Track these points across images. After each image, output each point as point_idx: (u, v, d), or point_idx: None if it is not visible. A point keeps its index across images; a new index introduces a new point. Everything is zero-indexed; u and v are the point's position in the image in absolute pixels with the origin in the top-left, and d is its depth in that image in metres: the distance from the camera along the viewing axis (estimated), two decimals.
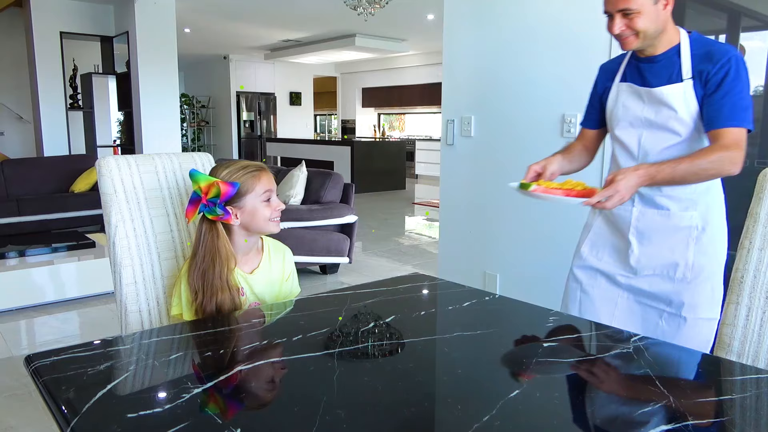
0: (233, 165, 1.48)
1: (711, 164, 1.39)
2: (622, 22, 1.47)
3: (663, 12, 1.47)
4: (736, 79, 1.42)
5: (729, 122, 1.42)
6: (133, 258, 1.54)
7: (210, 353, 1.09)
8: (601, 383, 1.02)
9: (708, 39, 1.51)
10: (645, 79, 1.57)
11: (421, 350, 1.13)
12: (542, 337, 1.22)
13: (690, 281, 1.55)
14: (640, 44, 1.50)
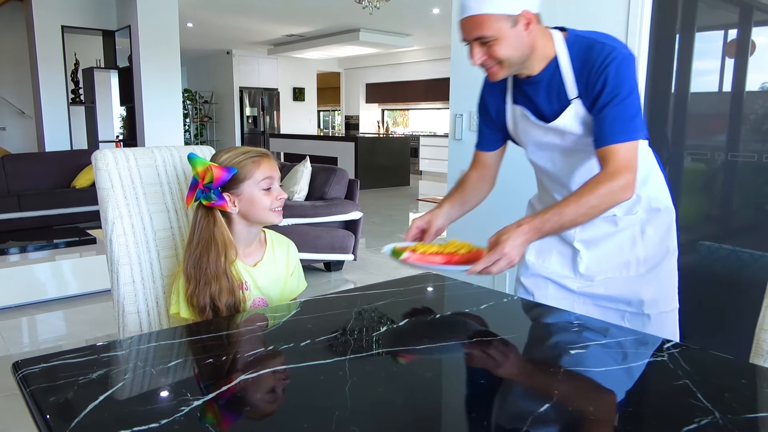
0: (234, 150, 1.41)
1: (600, 200, 1.27)
2: (481, 50, 1.32)
3: (526, 34, 1.31)
4: (619, 84, 1.29)
5: (616, 138, 1.29)
6: (131, 256, 1.46)
7: (211, 360, 1.01)
8: (638, 397, 0.94)
9: (585, 38, 1.37)
10: (535, 104, 1.45)
11: (439, 357, 1.05)
12: (568, 343, 1.14)
13: (644, 275, 1.50)
14: (507, 72, 1.37)
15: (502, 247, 1.22)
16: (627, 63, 1.31)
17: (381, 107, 14.36)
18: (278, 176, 1.43)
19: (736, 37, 2.63)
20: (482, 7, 1.28)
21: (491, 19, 1.28)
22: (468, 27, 1.31)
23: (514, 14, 1.28)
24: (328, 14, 8.68)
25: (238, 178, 1.37)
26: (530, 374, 1.02)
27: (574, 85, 1.36)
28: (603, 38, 1.35)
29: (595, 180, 1.29)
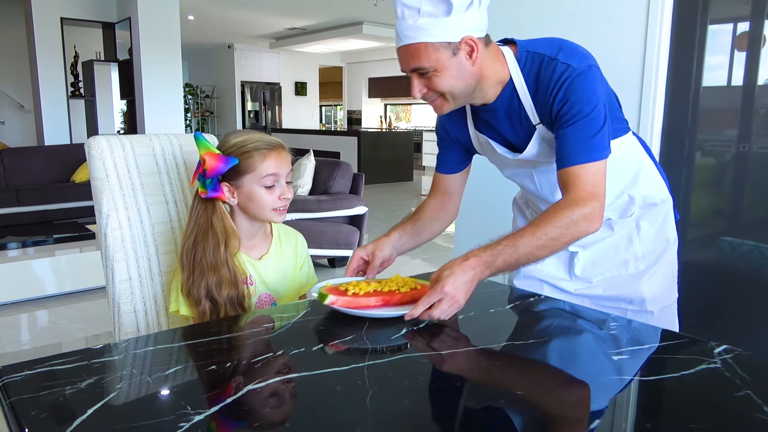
0: (245, 136, 1.29)
1: (561, 230, 1.11)
2: (421, 83, 1.19)
3: (469, 63, 1.17)
4: (576, 102, 1.15)
5: (575, 159, 1.15)
6: (128, 251, 1.36)
7: (214, 367, 0.91)
8: (696, 410, 0.84)
9: (536, 54, 1.22)
10: (498, 132, 1.32)
11: (467, 365, 0.95)
12: (609, 348, 1.03)
13: (644, 272, 1.40)
14: (454, 105, 1.23)
15: (442, 285, 1.04)
16: (584, 78, 1.16)
17: (384, 102, 14.23)
18: (287, 173, 1.31)
19: (749, 29, 2.53)
20: (417, 36, 1.13)
21: (428, 49, 1.14)
22: (404, 57, 1.18)
23: (453, 41, 1.14)
24: (332, 7, 8.55)
25: (239, 169, 1.27)
26: (573, 384, 0.91)
27: (533, 110, 1.23)
28: (555, 51, 1.19)
29: (555, 207, 1.13)
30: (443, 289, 1.04)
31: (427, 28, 1.13)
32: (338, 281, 1.23)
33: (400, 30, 1.17)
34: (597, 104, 1.16)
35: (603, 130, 1.16)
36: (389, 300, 1.14)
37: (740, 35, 2.58)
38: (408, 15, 1.15)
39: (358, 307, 1.11)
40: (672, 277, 1.45)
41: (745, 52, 2.52)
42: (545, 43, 1.23)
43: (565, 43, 1.21)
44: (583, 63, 1.17)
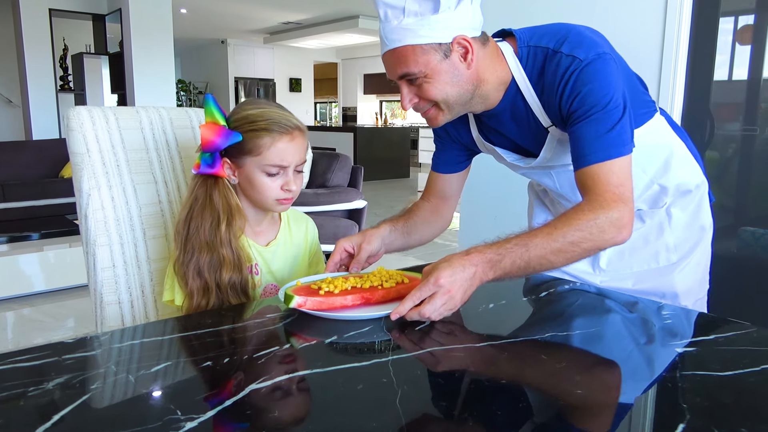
0: (260, 110, 1.11)
1: (582, 235, 0.94)
2: (411, 91, 1.05)
3: (464, 66, 1.03)
4: (586, 96, 1.01)
5: (592, 157, 1.00)
6: (111, 235, 1.21)
7: (210, 363, 0.77)
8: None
9: (538, 48, 1.07)
10: (505, 137, 1.19)
11: (509, 358, 0.81)
12: (669, 338, 0.89)
13: (677, 263, 1.25)
14: (450, 116, 1.08)
15: (437, 277, 0.89)
16: (593, 68, 1.01)
17: (379, 98, 14.08)
18: (299, 162, 1.13)
19: (754, 23, 2.42)
20: (403, 38, 1.00)
21: (416, 52, 1.00)
22: (390, 64, 1.04)
23: (444, 42, 1.01)
24: (328, 0, 8.40)
25: (243, 147, 1.11)
26: (639, 381, 0.77)
27: (542, 111, 1.09)
28: (559, 42, 1.05)
29: (577, 209, 0.98)
30: (438, 282, 0.88)
31: (413, 28, 0.99)
32: (311, 279, 1.05)
33: (384, 33, 1.03)
34: (613, 94, 1.00)
35: (622, 122, 1.01)
36: (370, 298, 0.97)
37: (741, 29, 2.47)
38: (392, 16, 1.01)
39: (331, 309, 0.94)
40: (705, 267, 1.30)
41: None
42: (548, 33, 1.08)
43: (571, 31, 1.06)
44: (591, 52, 1.01)
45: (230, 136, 1.09)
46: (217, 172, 1.11)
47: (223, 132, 1.09)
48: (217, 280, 1.09)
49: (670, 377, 0.74)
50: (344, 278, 1.01)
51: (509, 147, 1.20)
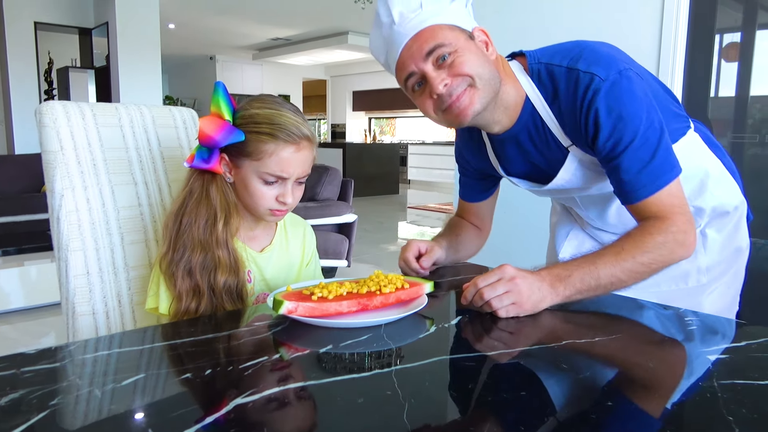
0: (272, 111, 1.02)
1: (653, 257, 0.92)
2: (441, 73, 0.96)
3: (488, 56, 0.99)
4: (618, 121, 0.94)
5: (644, 192, 0.95)
6: (86, 240, 1.12)
7: (190, 375, 0.67)
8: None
9: (552, 66, 1.01)
10: (522, 160, 1.13)
11: (527, 368, 0.73)
12: (699, 345, 0.82)
13: (707, 285, 1.18)
14: (484, 97, 0.98)
15: (502, 266, 0.89)
16: (617, 89, 0.94)
17: (368, 115, 14.07)
18: (300, 175, 1.04)
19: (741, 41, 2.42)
20: (426, 20, 0.96)
21: (443, 29, 0.96)
22: (411, 51, 0.97)
23: (466, 29, 0.99)
24: (317, 15, 8.38)
25: (243, 147, 1.02)
26: (671, 391, 0.69)
27: (560, 130, 1.03)
28: (574, 59, 0.98)
29: (643, 231, 0.95)
30: (503, 269, 0.89)
31: (435, 13, 0.96)
32: (303, 284, 0.97)
33: (402, 28, 0.97)
34: (644, 116, 0.94)
35: (662, 144, 0.95)
36: (368, 304, 0.89)
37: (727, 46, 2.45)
38: (407, 12, 0.97)
39: (324, 315, 0.85)
40: (736, 290, 1.22)
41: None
42: (560, 51, 1.02)
43: (585, 48, 0.99)
44: (611, 70, 0.95)
45: (232, 133, 1.00)
46: (212, 167, 1.03)
47: (225, 128, 1.00)
48: (211, 283, 1.00)
49: (708, 386, 0.66)
50: (339, 283, 0.93)
51: (526, 171, 1.15)
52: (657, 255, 0.92)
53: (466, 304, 0.91)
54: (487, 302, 0.88)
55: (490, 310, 0.88)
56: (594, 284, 0.91)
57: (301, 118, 1.04)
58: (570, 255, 1.28)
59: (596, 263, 0.91)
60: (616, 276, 0.91)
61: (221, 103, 1.01)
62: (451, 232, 1.28)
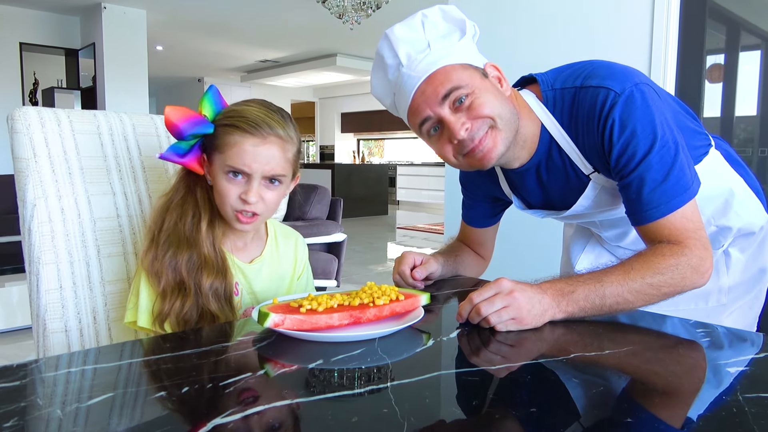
0: (250, 106, 0.98)
1: (664, 279, 0.86)
2: (460, 117, 0.92)
3: (503, 92, 0.96)
4: (632, 135, 0.89)
5: (656, 212, 0.90)
6: (59, 252, 1.05)
7: (164, 393, 0.61)
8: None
9: (566, 90, 0.98)
10: (538, 192, 1.09)
11: (535, 382, 0.67)
12: (716, 357, 0.76)
13: (727, 305, 1.14)
14: (506, 137, 0.95)
15: (498, 279, 0.84)
16: (632, 102, 0.90)
17: (356, 137, 14.09)
18: (266, 172, 0.96)
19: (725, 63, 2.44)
20: (437, 61, 0.92)
21: (456, 69, 0.92)
22: (426, 94, 0.92)
23: (479, 66, 0.95)
24: (305, 38, 8.41)
25: (213, 141, 0.98)
26: (691, 405, 0.63)
27: (581, 157, 0.99)
28: (587, 78, 0.95)
29: (656, 252, 0.89)
30: (500, 283, 0.83)
31: (444, 53, 0.92)
32: (290, 297, 0.90)
33: (411, 71, 0.93)
34: (659, 133, 0.90)
35: (677, 164, 0.90)
36: (360, 317, 0.82)
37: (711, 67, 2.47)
38: (416, 54, 0.93)
39: (314, 329, 0.79)
40: (757, 313, 1.17)
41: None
42: (573, 74, 0.98)
43: (597, 65, 0.96)
44: (627, 83, 0.91)
45: (198, 124, 0.96)
46: (185, 163, 0.98)
47: (192, 118, 0.96)
48: (197, 284, 0.94)
49: (732, 400, 0.61)
50: (329, 295, 0.87)
51: (544, 201, 1.11)
52: (668, 278, 0.86)
53: (462, 322, 0.85)
54: (485, 318, 0.82)
55: (489, 326, 0.82)
56: (599, 303, 0.85)
57: (279, 117, 0.99)
58: (586, 269, 1.23)
59: (602, 281, 0.86)
60: (622, 296, 0.85)
61: (205, 102, 0.98)
62: (450, 252, 1.23)
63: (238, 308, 1.02)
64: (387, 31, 0.97)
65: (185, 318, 0.94)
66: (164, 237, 0.97)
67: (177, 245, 0.96)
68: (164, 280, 0.94)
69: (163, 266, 0.94)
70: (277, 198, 0.99)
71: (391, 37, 0.95)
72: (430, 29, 0.94)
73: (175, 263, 0.95)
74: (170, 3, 6.43)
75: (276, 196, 0.99)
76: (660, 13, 2.26)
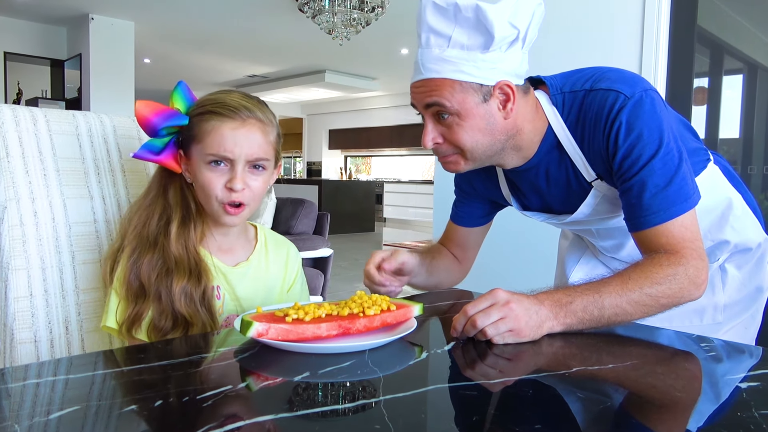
0: (218, 95, 0.96)
1: (662, 289, 0.84)
2: (436, 129, 0.92)
3: (501, 115, 0.92)
4: (637, 139, 0.88)
5: (655, 218, 0.88)
6: (30, 257, 0.99)
7: (135, 407, 0.56)
8: None
9: (576, 92, 0.95)
10: (537, 195, 1.06)
11: (535, 397, 0.62)
12: (723, 372, 0.73)
13: (723, 323, 1.11)
14: (471, 166, 0.96)
15: (493, 290, 0.81)
16: (640, 108, 0.88)
17: (344, 154, 14.08)
18: (249, 156, 0.92)
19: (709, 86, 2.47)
20: (442, 70, 0.89)
21: (454, 87, 0.89)
22: (418, 91, 0.92)
23: (487, 85, 0.90)
24: (293, 54, 8.41)
25: (189, 132, 0.94)
26: (700, 421, 0.59)
27: (585, 162, 0.96)
28: (596, 82, 0.93)
29: (652, 261, 0.86)
30: (495, 294, 0.80)
31: (456, 62, 0.88)
32: (276, 306, 0.85)
33: (422, 60, 0.90)
34: (664, 140, 0.88)
35: (680, 172, 0.88)
36: (350, 327, 0.78)
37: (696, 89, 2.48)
38: (434, 43, 0.89)
39: (301, 339, 0.74)
40: (754, 333, 1.14)
41: None
42: (582, 78, 0.96)
43: (606, 71, 0.95)
44: (636, 88, 0.89)
45: (172, 116, 0.92)
46: (160, 160, 0.94)
47: (164, 111, 0.92)
48: (167, 289, 0.89)
49: (748, 417, 0.57)
50: (317, 305, 0.82)
51: (543, 205, 1.07)
52: (666, 288, 0.84)
53: (456, 336, 0.80)
54: (481, 331, 0.78)
55: (485, 339, 0.78)
56: (597, 314, 0.82)
57: (256, 101, 0.96)
58: (582, 279, 1.19)
59: (601, 291, 0.82)
60: (621, 307, 0.82)
61: (176, 96, 0.96)
62: (427, 252, 1.18)
63: (220, 313, 0.96)
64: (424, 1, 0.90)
65: (156, 325, 0.89)
66: (128, 240, 0.93)
67: (141, 248, 0.91)
68: (125, 285, 0.90)
69: (128, 271, 0.90)
70: (262, 186, 0.95)
71: (424, 12, 0.89)
72: (459, 31, 0.88)
73: (136, 267, 0.90)
74: (159, 16, 6.40)
75: (261, 183, 0.95)
76: (649, 36, 2.27)
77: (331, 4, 5.20)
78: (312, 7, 5.27)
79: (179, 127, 0.95)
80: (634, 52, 2.31)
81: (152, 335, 0.90)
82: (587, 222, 1.06)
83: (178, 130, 0.96)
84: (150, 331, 0.89)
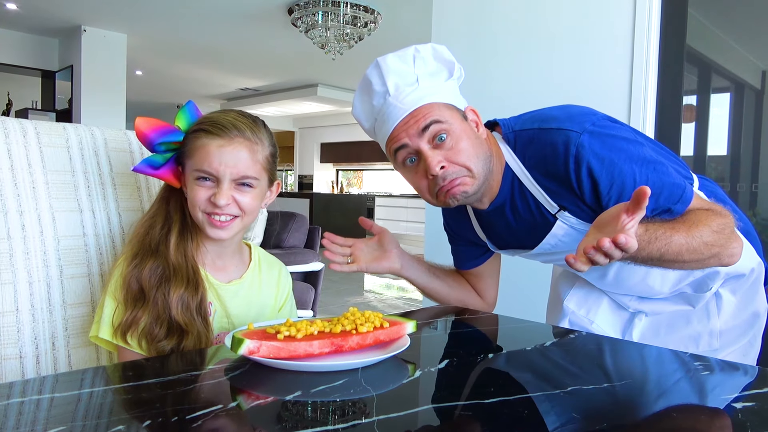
0: (216, 113, 0.98)
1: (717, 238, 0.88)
2: (438, 154, 0.93)
3: (479, 136, 0.98)
4: (610, 170, 0.91)
5: (678, 208, 0.93)
6: (17, 271, 0.98)
7: (121, 427, 0.54)
8: None
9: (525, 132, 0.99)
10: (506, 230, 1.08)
11: (532, 417, 0.61)
12: (717, 392, 0.72)
13: (719, 349, 1.09)
14: (476, 185, 0.97)
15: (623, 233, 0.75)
16: (597, 135, 0.91)
17: (336, 167, 14.09)
18: (234, 174, 0.92)
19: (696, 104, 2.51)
20: (422, 97, 0.94)
21: (440, 107, 0.95)
22: (409, 123, 0.94)
23: (460, 108, 0.98)
24: (287, 67, 8.43)
25: (183, 148, 0.96)
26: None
27: (545, 197, 0.99)
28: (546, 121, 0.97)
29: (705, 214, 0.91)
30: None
31: (431, 91, 0.95)
32: (267, 323, 0.84)
33: (397, 103, 0.94)
34: (634, 153, 0.93)
35: (662, 174, 0.93)
36: (342, 345, 0.76)
37: (685, 107, 2.51)
38: (404, 86, 0.95)
39: (292, 357, 0.73)
40: (753, 358, 1.12)
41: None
42: (531, 117, 1.01)
43: (553, 109, 1.00)
44: (584, 121, 0.93)
45: (168, 132, 0.94)
46: (159, 175, 0.96)
47: (162, 127, 0.95)
48: (164, 296, 0.89)
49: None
50: (309, 322, 0.81)
51: (512, 241, 1.10)
52: (719, 238, 0.88)
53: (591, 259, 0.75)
54: (613, 241, 0.73)
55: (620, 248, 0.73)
56: (657, 257, 0.85)
57: (249, 120, 0.97)
58: (576, 304, 1.19)
59: (671, 238, 0.85)
60: (681, 256, 0.86)
61: (181, 115, 0.98)
62: (439, 267, 1.24)
63: (212, 333, 0.95)
64: (379, 58, 0.97)
65: (150, 333, 0.88)
66: (130, 245, 0.95)
67: (142, 254, 0.93)
68: (125, 289, 0.91)
69: (128, 275, 0.91)
70: (253, 202, 0.96)
71: (383, 66, 0.97)
72: (421, 65, 0.97)
73: (138, 273, 0.91)
74: (151, 28, 6.40)
75: (251, 200, 0.95)
76: (639, 55, 2.29)
77: (324, 19, 5.24)
78: (305, 22, 5.30)
79: (177, 143, 0.97)
80: (624, 70, 2.33)
81: (145, 343, 0.89)
82: (556, 253, 1.06)
83: (178, 147, 0.97)
84: (143, 338, 0.89)
